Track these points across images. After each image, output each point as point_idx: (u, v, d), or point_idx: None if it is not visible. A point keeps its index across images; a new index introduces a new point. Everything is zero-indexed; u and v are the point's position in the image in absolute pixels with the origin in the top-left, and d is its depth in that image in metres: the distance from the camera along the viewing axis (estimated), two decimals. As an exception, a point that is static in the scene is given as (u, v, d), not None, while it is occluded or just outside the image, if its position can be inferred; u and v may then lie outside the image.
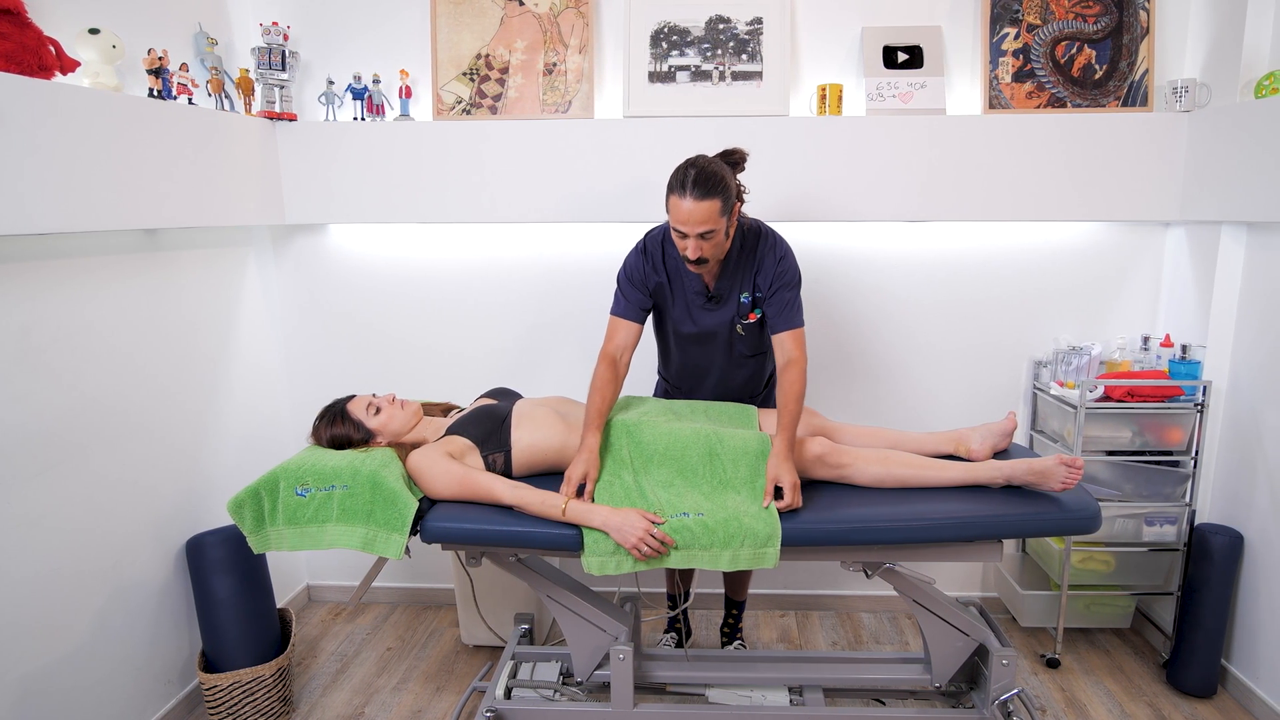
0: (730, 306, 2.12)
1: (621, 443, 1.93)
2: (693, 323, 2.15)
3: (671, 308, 2.16)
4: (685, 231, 1.89)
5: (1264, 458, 2.33)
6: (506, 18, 2.60)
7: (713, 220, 1.88)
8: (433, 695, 2.47)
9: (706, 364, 2.24)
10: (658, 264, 2.13)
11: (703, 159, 1.93)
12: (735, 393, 2.30)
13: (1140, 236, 2.68)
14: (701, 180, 1.85)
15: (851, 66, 2.62)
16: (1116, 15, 2.54)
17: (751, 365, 2.26)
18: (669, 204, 1.91)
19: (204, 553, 2.25)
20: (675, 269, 2.12)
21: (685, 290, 2.13)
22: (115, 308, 2.11)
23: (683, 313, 2.15)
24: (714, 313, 2.13)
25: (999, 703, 1.98)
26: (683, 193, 1.86)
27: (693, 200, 1.85)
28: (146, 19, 2.23)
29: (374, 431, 1.98)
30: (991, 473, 1.88)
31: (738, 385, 2.29)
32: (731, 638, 2.63)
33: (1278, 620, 2.27)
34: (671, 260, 2.12)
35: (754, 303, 2.11)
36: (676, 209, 1.88)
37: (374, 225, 2.76)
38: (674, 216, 1.90)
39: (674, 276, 2.13)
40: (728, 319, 2.14)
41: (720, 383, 2.28)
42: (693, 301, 2.14)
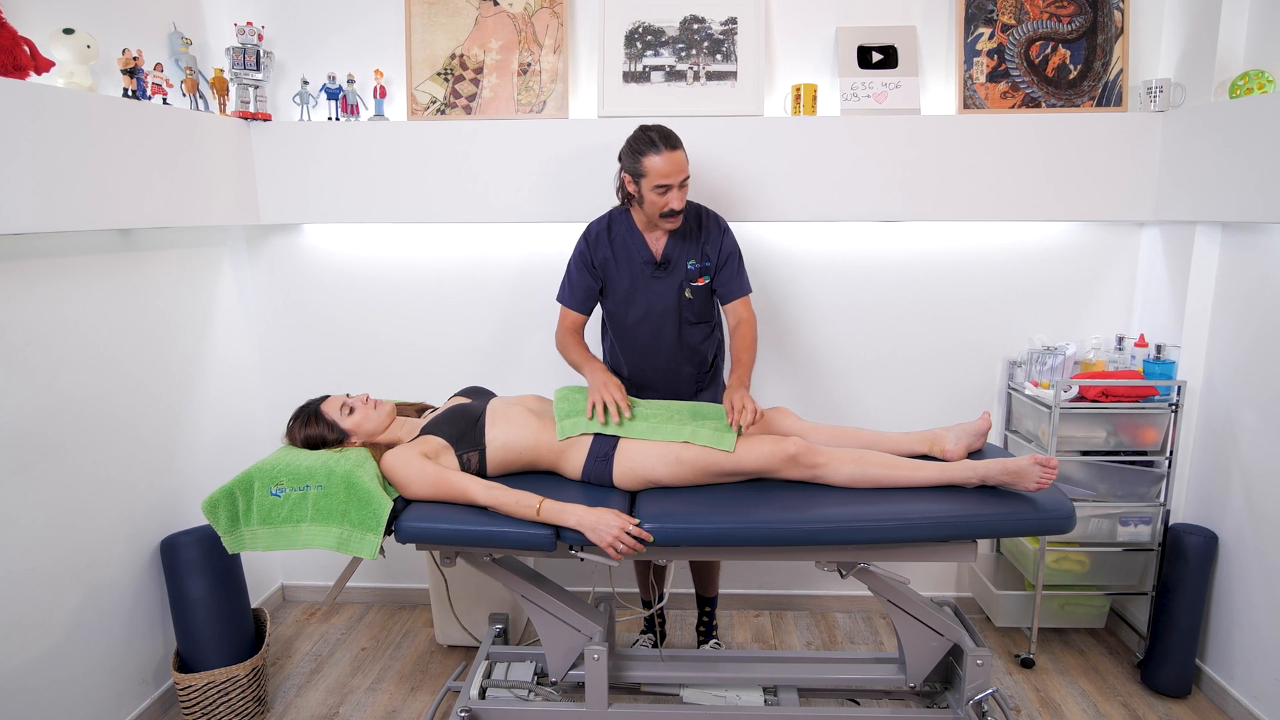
0: (678, 273, 2.25)
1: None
2: (642, 290, 2.26)
3: (620, 280, 2.27)
4: (671, 183, 2.07)
5: (1238, 458, 2.33)
6: (481, 18, 2.60)
7: (686, 167, 2.11)
8: (407, 695, 2.47)
9: (656, 338, 2.30)
10: (603, 244, 2.28)
11: (650, 123, 2.15)
12: (684, 375, 2.35)
13: (1115, 236, 2.68)
14: (669, 135, 2.09)
15: (826, 66, 2.62)
16: (1091, 15, 2.54)
17: (699, 333, 2.33)
18: (644, 165, 2.07)
19: (178, 552, 2.24)
20: (622, 246, 2.27)
21: (633, 262, 2.25)
22: (91, 307, 2.11)
23: (631, 281, 2.26)
24: (662, 280, 2.25)
25: (973, 703, 1.98)
26: (659, 148, 2.06)
27: (669, 151, 2.06)
28: (121, 19, 2.23)
29: (348, 432, 1.98)
30: (966, 473, 1.89)
31: (686, 359, 2.34)
32: (708, 636, 2.63)
33: (1252, 620, 2.27)
34: (618, 239, 2.27)
35: (701, 270, 2.26)
36: (660, 164, 2.06)
37: (349, 225, 2.77)
38: (658, 172, 2.06)
39: (620, 253, 2.27)
40: (675, 284, 2.25)
41: (670, 360, 2.33)
42: (641, 271, 2.26)
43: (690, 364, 2.35)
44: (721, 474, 1.92)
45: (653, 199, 2.10)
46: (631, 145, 2.11)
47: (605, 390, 2.01)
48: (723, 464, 1.90)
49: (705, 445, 1.89)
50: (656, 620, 2.68)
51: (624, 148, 2.14)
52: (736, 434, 1.94)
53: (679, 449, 1.90)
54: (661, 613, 2.74)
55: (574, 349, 2.25)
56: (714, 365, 2.42)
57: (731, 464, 1.90)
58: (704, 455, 1.89)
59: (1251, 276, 2.29)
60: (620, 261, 2.25)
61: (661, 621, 2.74)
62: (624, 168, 2.15)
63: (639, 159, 2.08)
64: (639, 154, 2.08)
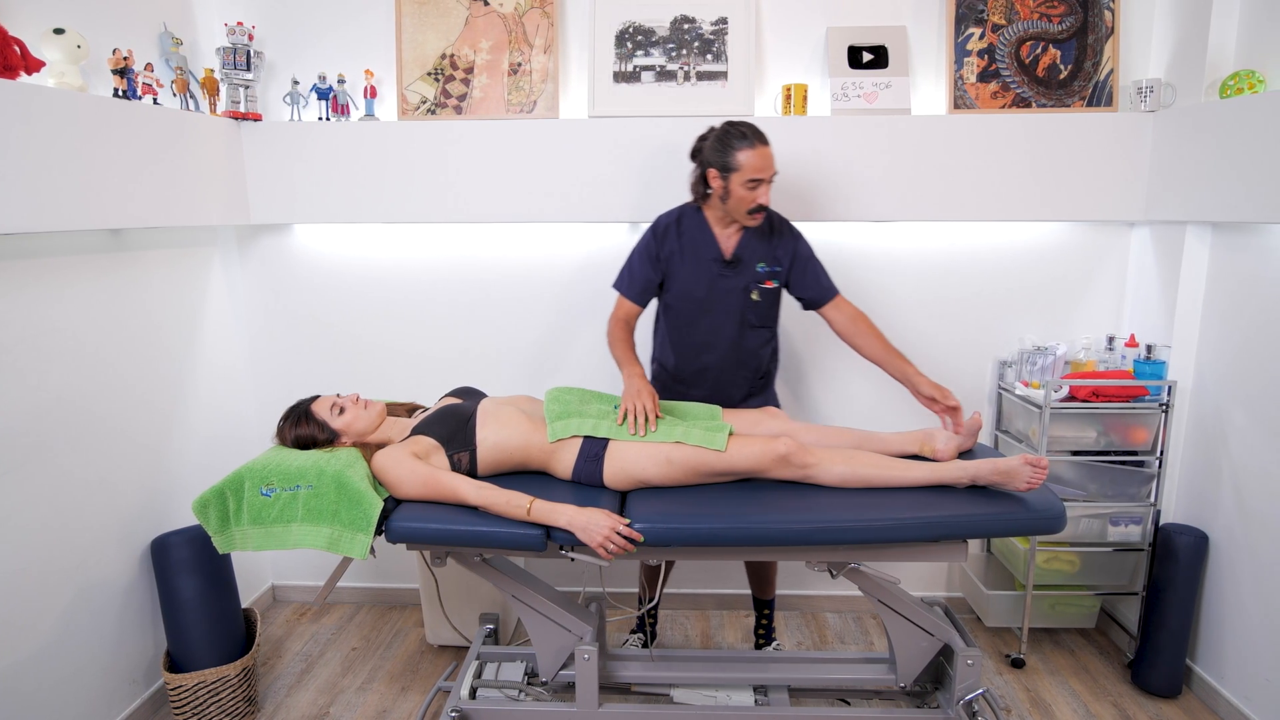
0: (746, 273, 2.23)
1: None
2: (706, 287, 2.23)
3: (684, 274, 2.25)
4: (764, 177, 2.07)
5: (1229, 458, 2.33)
6: (471, 18, 2.60)
7: (775, 164, 2.10)
8: (398, 695, 2.47)
9: (714, 337, 2.27)
10: (672, 238, 2.25)
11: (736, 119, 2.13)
12: (737, 379, 2.32)
13: (1105, 236, 2.68)
14: (758, 129, 2.08)
15: (816, 66, 2.62)
16: (1081, 15, 2.54)
17: (758, 337, 2.30)
18: (736, 159, 2.06)
19: (169, 553, 2.24)
20: (691, 241, 2.24)
21: (701, 258, 2.23)
22: (80, 308, 2.11)
23: (696, 277, 2.24)
24: (729, 278, 2.23)
25: (964, 703, 1.98)
26: (752, 143, 2.05)
27: (762, 146, 2.06)
28: (111, 19, 2.23)
29: (338, 431, 1.98)
30: (957, 473, 1.89)
31: (742, 361, 2.31)
32: (767, 639, 2.62)
33: (1242, 620, 2.27)
34: (687, 234, 2.25)
35: (770, 274, 2.24)
36: (753, 159, 2.05)
37: (339, 225, 2.76)
38: (751, 167, 2.05)
39: (688, 247, 2.24)
40: (742, 285, 2.23)
41: (724, 360, 2.30)
42: (709, 268, 2.23)
43: (745, 367, 2.32)
44: (712, 474, 1.92)
45: (742, 194, 2.08)
46: (721, 139, 2.08)
47: (639, 398, 1.99)
48: (713, 463, 1.89)
49: (697, 445, 1.89)
50: (647, 620, 2.68)
51: (709, 143, 2.11)
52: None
53: (669, 449, 1.90)
54: (654, 612, 2.73)
55: (620, 344, 2.23)
56: (767, 373, 2.39)
57: (722, 464, 1.89)
58: (695, 455, 1.89)
59: (1242, 276, 2.29)
60: (687, 256, 2.23)
61: (653, 621, 2.74)
62: (709, 162, 2.12)
63: (731, 153, 2.06)
64: (731, 148, 2.06)
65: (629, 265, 2.29)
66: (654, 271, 2.26)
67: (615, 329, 2.26)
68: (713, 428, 1.93)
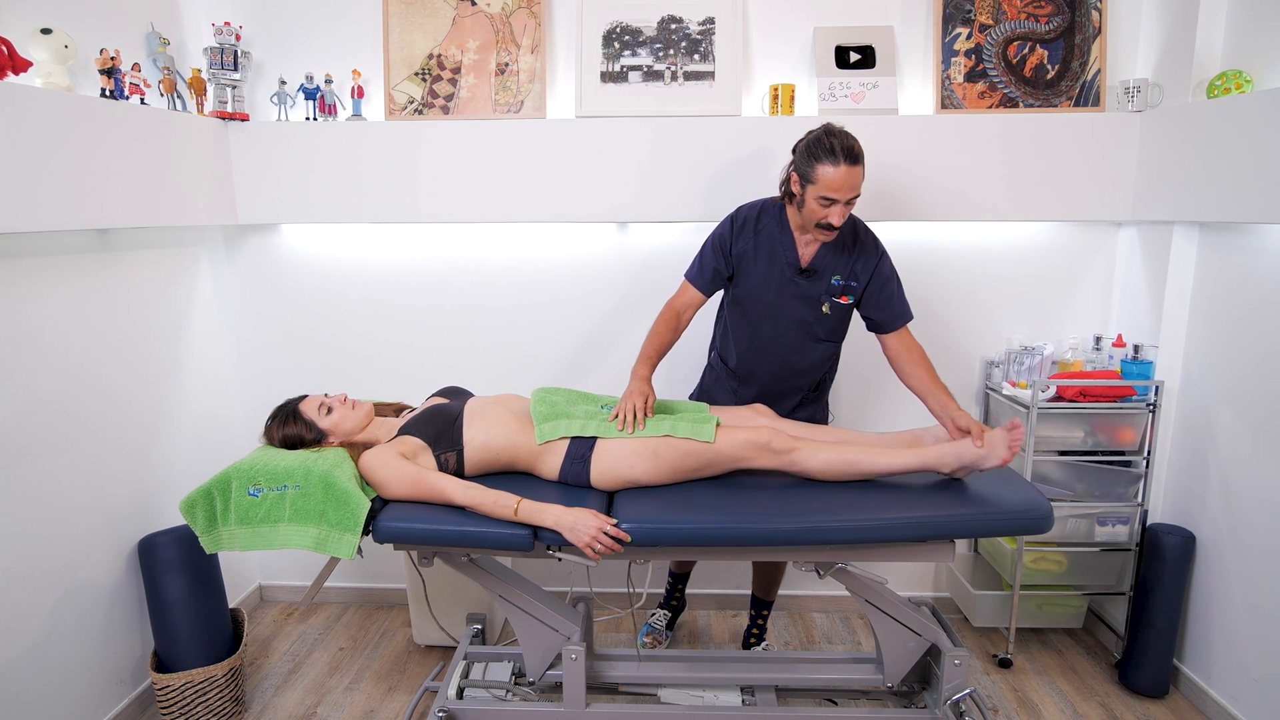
0: (821, 284, 2.14)
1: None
2: (776, 292, 2.16)
3: (755, 274, 2.17)
4: (839, 199, 1.94)
5: (1216, 458, 2.33)
6: (458, 18, 2.60)
7: (859, 186, 1.96)
8: (385, 695, 2.47)
9: (775, 343, 2.21)
10: (748, 233, 2.16)
11: (837, 127, 1.98)
12: (791, 387, 2.28)
13: (1092, 236, 2.68)
14: (851, 150, 1.93)
15: (804, 66, 2.62)
16: (1068, 15, 2.54)
17: (821, 351, 2.24)
18: (816, 171, 1.94)
19: (156, 553, 2.24)
20: (767, 240, 2.15)
21: (775, 260, 2.14)
22: (67, 308, 2.11)
23: (767, 280, 2.16)
24: (803, 286, 2.15)
25: (951, 703, 1.98)
26: (836, 160, 1.91)
27: (847, 167, 1.91)
28: (99, 19, 2.23)
29: (326, 431, 1.98)
30: (940, 455, 1.89)
31: (801, 372, 2.26)
32: (759, 639, 2.63)
33: (1230, 620, 2.27)
34: (764, 233, 2.15)
35: (845, 289, 2.15)
36: (833, 177, 1.92)
37: (326, 225, 2.76)
38: (828, 185, 1.93)
39: (763, 246, 2.15)
40: (815, 295, 2.15)
41: (783, 367, 2.25)
42: (783, 272, 2.14)
43: (803, 378, 2.27)
44: (698, 466, 1.91)
45: (814, 207, 1.98)
46: (809, 147, 1.96)
47: (634, 399, 1.98)
48: (700, 454, 1.89)
49: (685, 437, 1.88)
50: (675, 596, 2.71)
51: (801, 144, 2.00)
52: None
53: (656, 443, 1.90)
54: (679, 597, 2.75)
55: (653, 340, 2.15)
56: (820, 386, 2.33)
57: (708, 453, 1.89)
58: (681, 447, 1.89)
59: (1229, 276, 2.29)
60: (760, 255, 2.14)
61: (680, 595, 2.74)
62: (794, 165, 2.02)
63: (813, 164, 1.94)
64: (814, 158, 1.94)
65: (700, 253, 2.20)
66: (724, 264, 2.17)
67: (661, 320, 2.18)
68: (700, 419, 1.93)
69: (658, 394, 2.12)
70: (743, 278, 2.18)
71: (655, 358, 2.14)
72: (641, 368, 2.11)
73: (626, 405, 1.97)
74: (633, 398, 1.99)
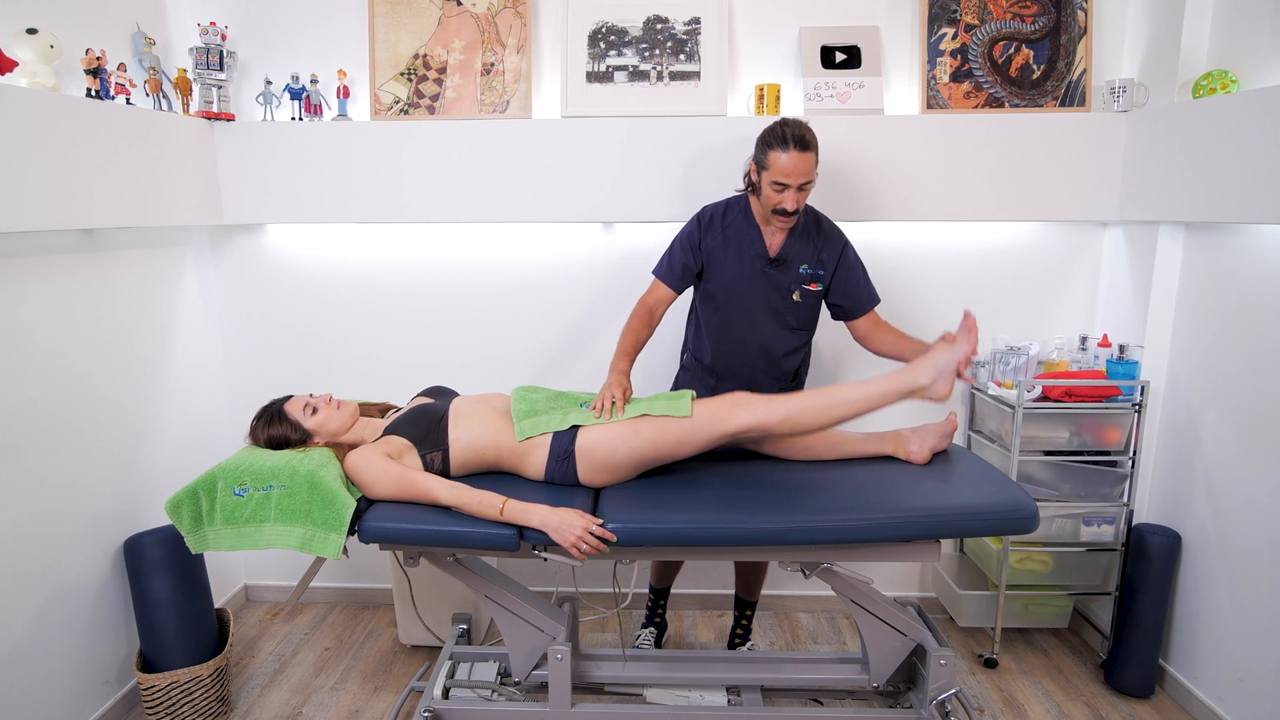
0: (790, 273, 2.20)
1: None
2: (748, 283, 2.21)
3: (726, 267, 2.22)
4: (788, 183, 2.02)
5: (1202, 458, 2.33)
6: (444, 18, 2.60)
7: (811, 172, 2.04)
8: (370, 695, 2.47)
9: (750, 334, 2.25)
10: (715, 229, 2.23)
11: (793, 119, 2.07)
12: (765, 380, 2.30)
13: (1078, 236, 2.68)
14: (801, 136, 2.01)
15: (789, 66, 2.62)
16: (1054, 15, 2.54)
17: (794, 340, 2.28)
18: (769, 158, 2.03)
19: (142, 553, 2.24)
20: (735, 234, 2.22)
21: (744, 252, 2.20)
22: (52, 308, 2.11)
23: (738, 272, 2.21)
24: (772, 276, 2.20)
25: (936, 703, 1.98)
26: (785, 146, 2.00)
27: (797, 153, 2.00)
28: (84, 19, 2.23)
29: (311, 432, 1.98)
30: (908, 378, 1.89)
31: (774, 362, 2.28)
32: (744, 639, 2.63)
33: (1215, 620, 2.27)
34: (732, 227, 2.22)
35: (814, 276, 2.22)
36: (784, 162, 2.01)
37: (312, 225, 2.76)
38: (779, 169, 2.02)
39: (732, 240, 2.22)
40: (786, 284, 2.21)
41: (757, 358, 2.28)
42: (752, 264, 2.20)
43: (778, 368, 2.29)
44: (680, 435, 1.90)
45: (768, 193, 2.07)
46: (764, 136, 2.07)
47: (612, 390, 2.01)
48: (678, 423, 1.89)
49: (662, 414, 1.89)
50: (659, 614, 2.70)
51: (760, 135, 2.09)
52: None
53: (635, 422, 1.91)
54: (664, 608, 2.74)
55: (627, 337, 2.19)
56: (798, 376, 2.37)
57: (686, 421, 1.89)
58: (658, 421, 1.89)
59: (1214, 276, 2.29)
60: (729, 249, 2.21)
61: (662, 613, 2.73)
62: (754, 155, 2.12)
63: (767, 151, 2.04)
64: (768, 146, 2.04)
65: (669, 251, 2.26)
66: (693, 259, 2.23)
67: (635, 317, 2.23)
68: (675, 397, 1.95)
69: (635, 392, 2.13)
70: (714, 272, 2.23)
71: (632, 352, 2.18)
72: (619, 362, 2.13)
73: (605, 396, 1.99)
74: (611, 389, 2.01)
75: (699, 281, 2.28)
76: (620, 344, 2.18)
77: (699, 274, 2.26)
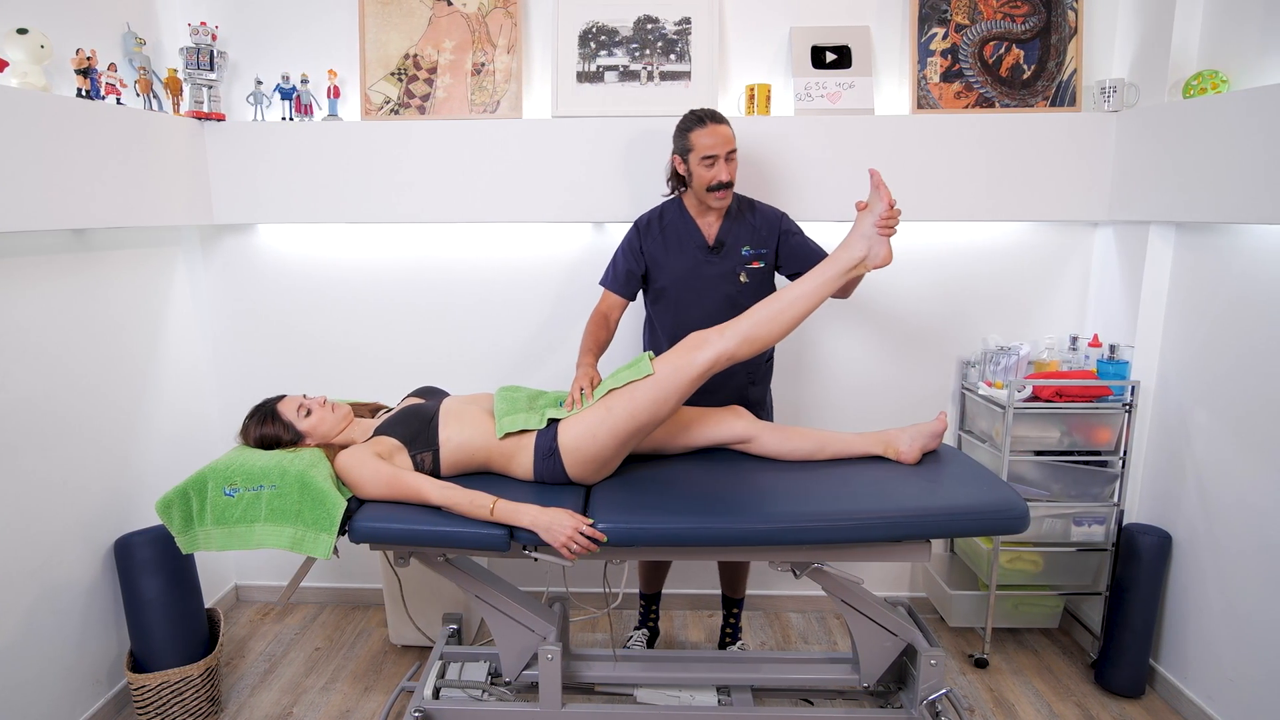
0: (732, 257, 2.27)
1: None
2: (695, 274, 2.27)
3: (671, 265, 2.29)
4: (718, 154, 2.13)
5: (1192, 458, 2.33)
6: (435, 18, 2.59)
7: (733, 140, 2.16)
8: (361, 695, 2.47)
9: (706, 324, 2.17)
10: (654, 232, 2.31)
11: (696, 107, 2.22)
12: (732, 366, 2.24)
13: (1069, 236, 2.68)
14: (714, 112, 2.17)
15: (780, 66, 2.62)
16: (1045, 15, 2.54)
17: None
18: (691, 139, 2.15)
19: (132, 553, 2.25)
20: (674, 233, 2.30)
21: (686, 246, 2.28)
22: (43, 308, 2.11)
23: (683, 266, 2.28)
24: (716, 264, 2.27)
25: (927, 703, 1.98)
26: (705, 122, 2.14)
27: (714, 125, 2.14)
28: (75, 19, 2.23)
29: (304, 433, 1.97)
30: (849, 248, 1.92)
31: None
32: (734, 638, 2.63)
33: (1206, 620, 2.27)
34: (669, 227, 2.31)
35: (756, 255, 2.28)
36: (704, 137, 2.13)
37: (302, 225, 2.76)
38: (704, 145, 2.14)
39: (672, 239, 2.30)
40: (730, 268, 2.27)
41: None
42: (695, 256, 2.28)
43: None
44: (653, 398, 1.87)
45: (701, 173, 2.16)
46: (679, 126, 2.19)
47: (581, 381, 2.04)
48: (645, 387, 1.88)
49: (627, 382, 1.90)
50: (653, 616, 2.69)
51: (674, 131, 2.22)
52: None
53: (606, 400, 1.91)
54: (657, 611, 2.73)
55: (589, 336, 2.27)
56: (768, 362, 2.43)
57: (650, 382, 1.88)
58: (626, 392, 1.89)
59: (1205, 276, 2.29)
60: (671, 248, 2.29)
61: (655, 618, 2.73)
62: (674, 150, 2.22)
63: (686, 136, 2.15)
64: (686, 131, 2.16)
65: (613, 260, 2.35)
66: (636, 264, 2.31)
67: (592, 322, 2.32)
68: (635, 361, 1.96)
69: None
70: (660, 272, 2.31)
71: (595, 349, 2.25)
72: (584, 357, 2.21)
73: (575, 389, 2.03)
74: (579, 381, 2.05)
75: (647, 285, 2.36)
76: (582, 344, 2.27)
77: (644, 277, 2.34)
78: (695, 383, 1.89)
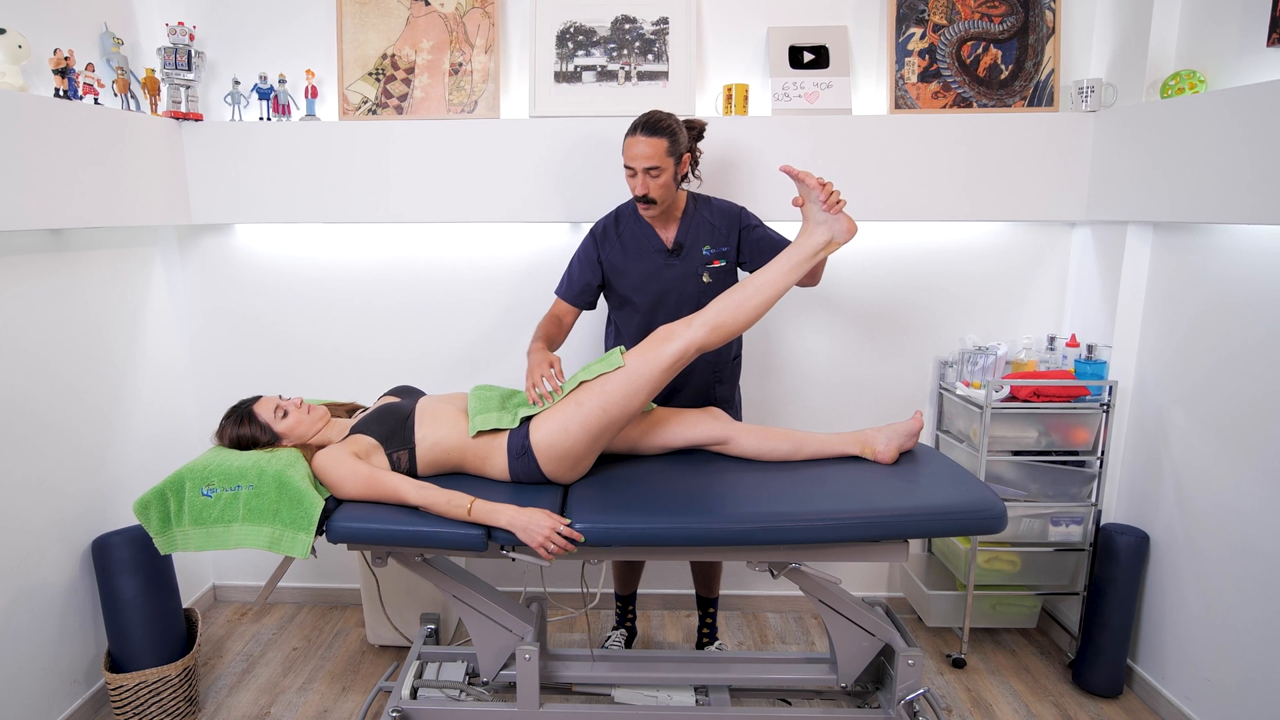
0: (692, 259, 2.24)
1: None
2: (657, 278, 2.24)
3: (632, 271, 2.26)
4: (634, 168, 2.08)
5: (1169, 458, 2.33)
6: (412, 18, 2.59)
7: (658, 158, 2.06)
8: (339, 695, 2.47)
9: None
10: (610, 239, 2.28)
11: (659, 111, 2.13)
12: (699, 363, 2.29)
13: (1046, 236, 2.68)
14: (650, 122, 2.07)
15: (758, 66, 2.61)
16: (1022, 15, 2.54)
17: None
18: (624, 145, 2.11)
19: (110, 553, 2.24)
20: (632, 238, 2.27)
21: (645, 251, 2.25)
22: (21, 308, 2.11)
23: (645, 271, 2.25)
24: (677, 266, 2.24)
25: (904, 703, 1.98)
26: (633, 132, 2.08)
27: (640, 137, 2.06)
28: (52, 19, 2.23)
29: (280, 435, 1.97)
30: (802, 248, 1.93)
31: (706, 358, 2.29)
32: (711, 638, 2.63)
33: (1183, 620, 2.27)
34: (626, 233, 2.27)
35: (717, 254, 2.25)
36: (626, 148, 2.09)
37: (280, 225, 2.76)
38: (624, 155, 2.10)
39: (630, 245, 2.26)
40: (692, 269, 2.24)
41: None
42: (655, 259, 2.25)
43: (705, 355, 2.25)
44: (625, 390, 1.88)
45: (627, 180, 2.13)
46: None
47: (540, 369, 2.01)
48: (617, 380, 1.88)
49: (597, 375, 1.89)
50: (629, 615, 2.69)
51: None
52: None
53: (576, 394, 1.90)
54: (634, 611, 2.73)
55: (541, 330, 2.24)
56: (734, 359, 2.41)
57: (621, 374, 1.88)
58: (596, 385, 1.89)
59: (1183, 276, 2.29)
60: (630, 254, 2.25)
61: (632, 618, 2.73)
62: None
63: (625, 137, 2.11)
64: (626, 135, 2.11)
65: (568, 270, 2.31)
66: (593, 275, 2.27)
67: (544, 322, 2.28)
68: (606, 355, 1.95)
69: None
70: (621, 279, 2.28)
71: (546, 342, 2.21)
72: (534, 344, 2.18)
73: (534, 376, 2.01)
74: (537, 369, 2.03)
75: (609, 293, 2.33)
76: (537, 333, 2.23)
77: (601, 286, 2.31)
78: (666, 374, 1.90)
